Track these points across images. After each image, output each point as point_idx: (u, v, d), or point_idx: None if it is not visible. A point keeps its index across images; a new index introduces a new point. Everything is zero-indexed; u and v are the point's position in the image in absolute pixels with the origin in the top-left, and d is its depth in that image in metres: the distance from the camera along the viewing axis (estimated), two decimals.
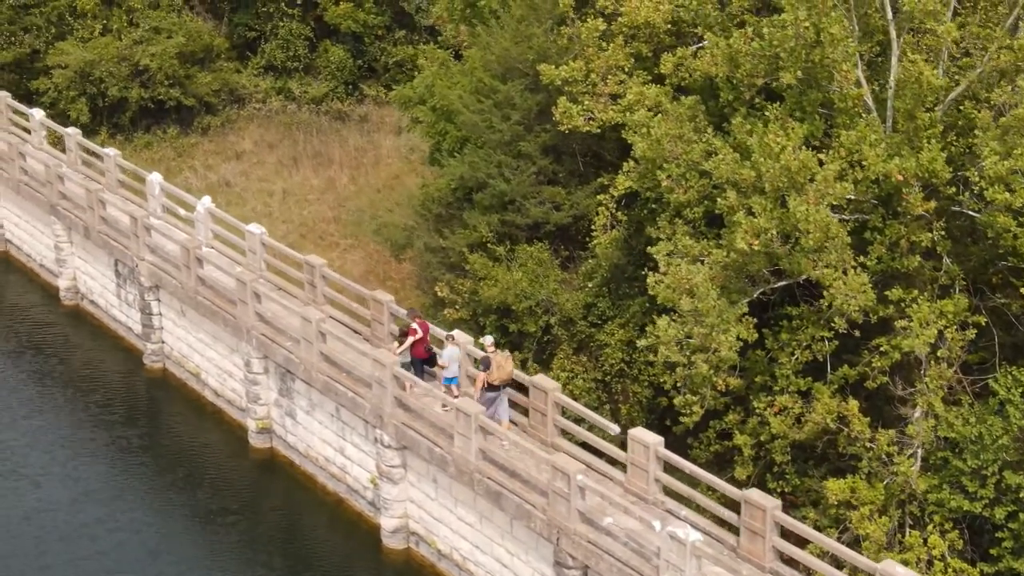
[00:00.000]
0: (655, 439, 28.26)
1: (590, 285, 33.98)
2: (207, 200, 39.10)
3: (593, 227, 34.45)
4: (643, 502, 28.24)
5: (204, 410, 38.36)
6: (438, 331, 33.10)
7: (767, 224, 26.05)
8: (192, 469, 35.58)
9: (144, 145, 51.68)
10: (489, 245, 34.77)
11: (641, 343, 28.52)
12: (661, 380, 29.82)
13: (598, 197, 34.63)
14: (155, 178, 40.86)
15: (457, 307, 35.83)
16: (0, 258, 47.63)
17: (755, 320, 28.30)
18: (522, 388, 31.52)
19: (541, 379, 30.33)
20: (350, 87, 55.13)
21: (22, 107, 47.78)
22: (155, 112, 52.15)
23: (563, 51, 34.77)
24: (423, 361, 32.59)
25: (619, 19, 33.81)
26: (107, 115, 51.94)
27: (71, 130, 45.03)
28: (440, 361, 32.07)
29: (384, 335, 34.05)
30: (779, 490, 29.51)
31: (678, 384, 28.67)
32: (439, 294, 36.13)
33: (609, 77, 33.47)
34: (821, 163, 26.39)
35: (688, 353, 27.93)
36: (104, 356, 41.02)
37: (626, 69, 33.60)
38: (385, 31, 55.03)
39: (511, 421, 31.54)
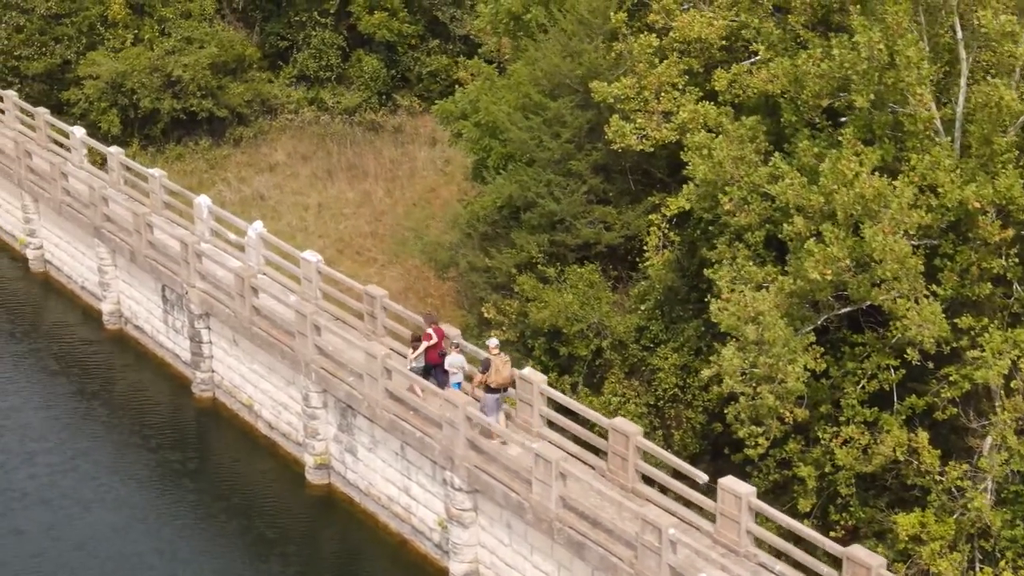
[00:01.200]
0: (747, 489, 26.78)
1: (642, 308, 33.19)
2: (259, 225, 37.83)
3: (645, 247, 33.70)
4: (734, 555, 26.88)
5: (257, 442, 37.05)
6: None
7: (840, 253, 25.22)
8: (246, 501, 34.45)
9: (176, 157, 50.95)
10: (539, 266, 33.97)
11: (704, 373, 27.72)
12: (724, 411, 28.98)
13: (649, 217, 33.88)
14: (203, 201, 39.62)
15: (504, 328, 35.08)
16: (39, 279, 46.27)
17: (821, 349, 27.50)
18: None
19: (622, 423, 28.85)
20: (383, 97, 54.35)
21: (62, 124, 46.59)
22: (186, 123, 51.42)
23: (613, 67, 34.00)
24: (437, 367, 32.23)
25: (670, 34, 33.11)
26: (138, 126, 51.19)
27: (114, 149, 43.79)
28: (446, 367, 31.99)
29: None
30: (842, 522, 28.74)
31: (740, 415, 27.85)
32: (486, 315, 35.38)
33: (662, 94, 32.71)
34: (894, 189, 25.56)
35: (753, 383, 27.13)
36: (150, 383, 39.83)
37: (679, 86, 32.83)
38: (419, 40, 54.22)
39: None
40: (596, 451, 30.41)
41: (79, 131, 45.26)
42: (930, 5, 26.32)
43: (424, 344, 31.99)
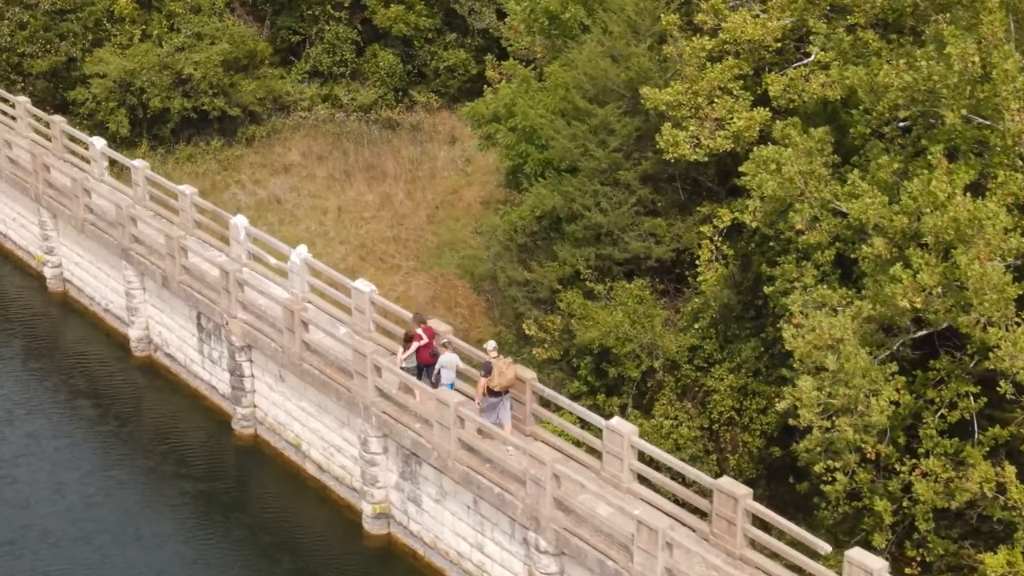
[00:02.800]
0: (879, 564, 24.76)
1: (696, 326, 31.48)
2: (303, 250, 35.38)
3: (696, 261, 32.00)
4: None
5: (305, 484, 34.54)
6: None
7: (931, 281, 23.54)
8: (296, 548, 32.14)
9: (186, 158, 48.96)
10: (587, 282, 32.24)
11: (780, 406, 26.00)
12: (786, 436, 27.34)
13: (700, 228, 32.17)
14: (240, 222, 37.12)
15: (546, 346, 33.37)
16: (58, 298, 43.65)
17: (903, 379, 25.84)
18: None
19: (728, 483, 26.62)
20: (399, 94, 52.43)
21: (80, 134, 44.05)
22: (196, 122, 49.40)
23: (662, 72, 32.24)
24: (428, 367, 31.51)
25: (719, 36, 31.37)
26: (147, 126, 49.16)
27: (138, 163, 41.19)
28: (437, 366, 31.28)
29: (526, 415, 30.38)
30: (919, 558, 27.14)
31: (815, 449, 26.18)
32: (527, 332, 33.63)
33: (716, 100, 30.98)
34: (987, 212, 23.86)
35: (830, 415, 25.48)
36: (185, 415, 37.36)
37: (734, 92, 31.10)
38: (435, 34, 52.30)
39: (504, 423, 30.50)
40: (677, 500, 28.59)
41: (99, 142, 42.78)
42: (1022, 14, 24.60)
43: (415, 344, 31.41)
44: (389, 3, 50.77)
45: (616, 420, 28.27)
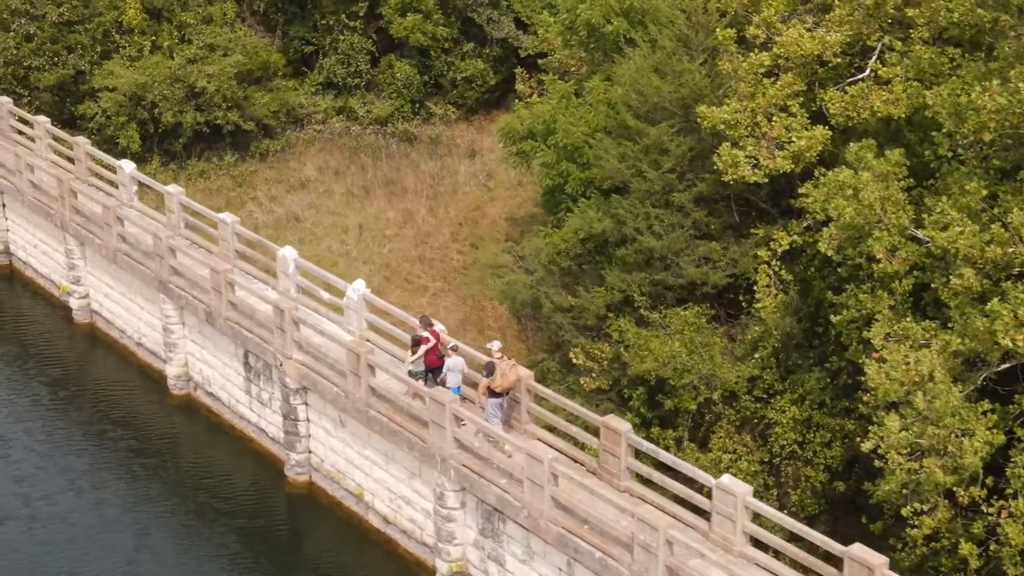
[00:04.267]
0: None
1: (756, 356, 30.04)
2: (361, 285, 33.38)
3: (754, 287, 30.58)
4: None
5: (367, 537, 32.31)
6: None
7: None
8: None
9: (199, 174, 47.25)
10: (641, 310, 30.77)
11: (865, 446, 24.57)
12: (873, 490, 25.89)
13: (757, 252, 30.75)
14: (288, 253, 34.97)
15: (594, 375, 31.89)
16: (84, 331, 41.26)
17: (995, 418, 24.45)
18: None
19: (860, 550, 24.61)
20: (416, 105, 50.84)
21: (108, 158, 41.76)
22: (208, 137, 47.69)
23: (714, 89, 30.83)
24: (435, 370, 30.89)
25: (772, 50, 30.00)
26: (158, 141, 47.43)
27: (172, 188, 38.84)
28: (444, 369, 30.76)
29: (621, 470, 28.14)
30: None
31: (903, 491, 24.77)
32: (574, 360, 32.14)
33: (774, 118, 29.58)
34: None
35: (917, 456, 24.08)
36: (231, 460, 35.11)
37: (792, 109, 29.72)
38: (452, 44, 50.74)
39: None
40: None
41: (128, 165, 40.69)
42: None
43: (423, 348, 30.74)
44: (405, 12, 49.18)
45: (727, 479, 26.17)
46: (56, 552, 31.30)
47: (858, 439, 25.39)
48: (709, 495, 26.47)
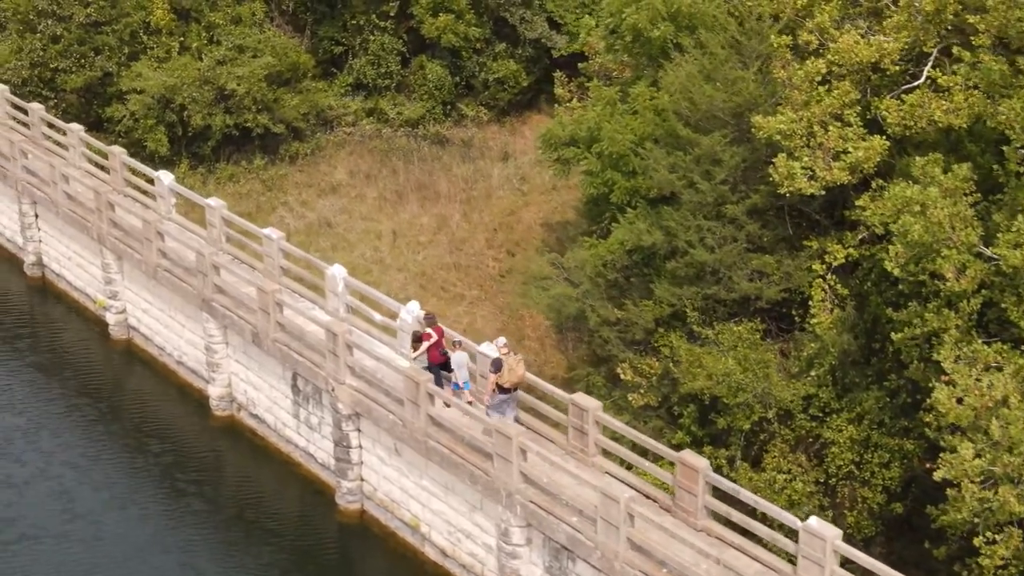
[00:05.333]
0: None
1: (813, 373, 29.10)
2: (415, 307, 32.07)
3: (809, 301, 29.64)
4: None
5: (423, 570, 31.13)
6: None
7: None
8: None
9: (228, 177, 46.37)
10: (694, 326, 29.86)
11: (937, 475, 23.63)
12: (937, 515, 24.99)
13: (812, 266, 29.81)
14: (338, 272, 33.74)
15: (642, 391, 31.02)
16: (120, 347, 39.94)
17: None
18: None
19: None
20: (447, 107, 49.90)
21: (145, 168, 40.59)
22: (237, 140, 46.79)
23: (768, 97, 29.89)
24: (439, 366, 30.72)
25: (826, 57, 29.05)
26: (186, 145, 46.55)
27: (213, 202, 37.52)
28: (452, 366, 30.47)
29: (698, 508, 26.82)
30: None
31: (968, 517, 23.84)
32: (622, 376, 31.25)
33: (830, 128, 28.65)
34: None
35: (991, 484, 23.16)
36: (277, 485, 33.94)
37: (849, 119, 28.78)
38: (484, 44, 49.79)
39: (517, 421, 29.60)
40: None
41: (167, 177, 39.53)
42: None
43: (426, 344, 30.56)
44: (437, 12, 48.22)
45: (815, 522, 24.81)
46: (97, 570, 30.59)
47: (918, 460, 24.49)
48: (794, 537, 25.17)
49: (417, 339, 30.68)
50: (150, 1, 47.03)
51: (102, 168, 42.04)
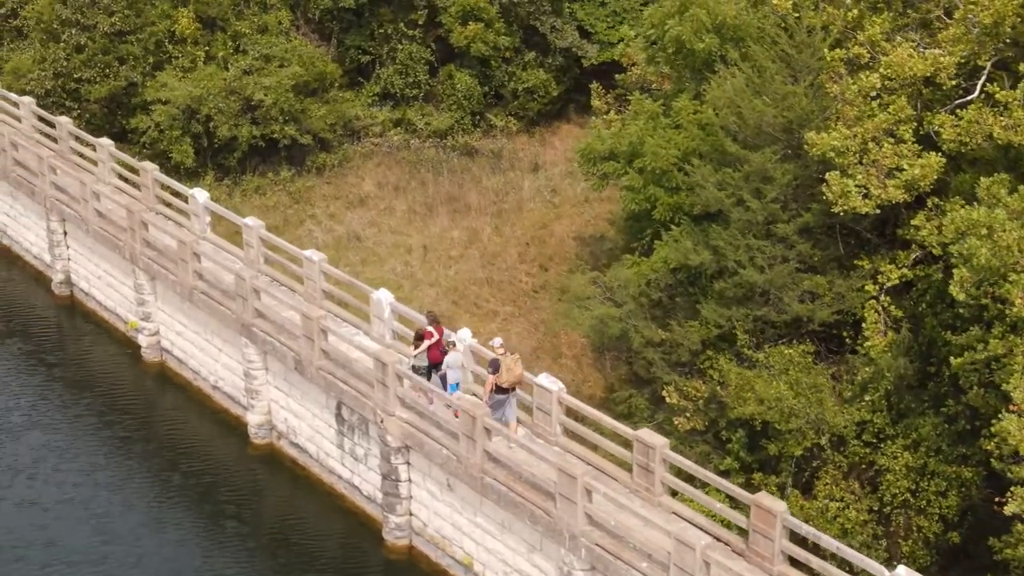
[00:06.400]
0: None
1: (867, 399, 28.16)
2: (466, 334, 30.79)
3: (863, 324, 28.72)
4: None
5: None
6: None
7: None
8: None
9: (254, 190, 45.49)
10: (744, 348, 28.94)
11: (1008, 509, 22.74)
12: (1001, 547, 24.08)
13: (865, 287, 28.89)
14: (384, 296, 32.42)
15: (688, 415, 30.11)
16: (154, 370, 38.72)
17: None
18: None
19: None
20: (476, 118, 49.01)
21: (178, 185, 39.29)
22: (263, 151, 45.90)
23: (819, 112, 28.97)
24: (438, 365, 30.41)
25: (879, 71, 28.17)
26: (211, 156, 45.69)
27: (251, 221, 36.24)
28: (443, 366, 30.23)
29: (774, 553, 25.28)
30: None
31: None
32: (667, 399, 30.34)
33: (884, 145, 27.76)
34: None
35: None
36: (320, 518, 32.46)
37: (902, 135, 27.90)
38: (513, 53, 48.89)
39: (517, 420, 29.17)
40: None
41: (201, 194, 38.39)
42: None
43: (426, 342, 30.31)
44: (467, 21, 47.36)
45: (904, 572, 23.61)
46: None
47: (975, 489, 23.53)
48: None
49: (419, 337, 30.46)
50: (175, 10, 46.21)
51: (132, 184, 41.01)
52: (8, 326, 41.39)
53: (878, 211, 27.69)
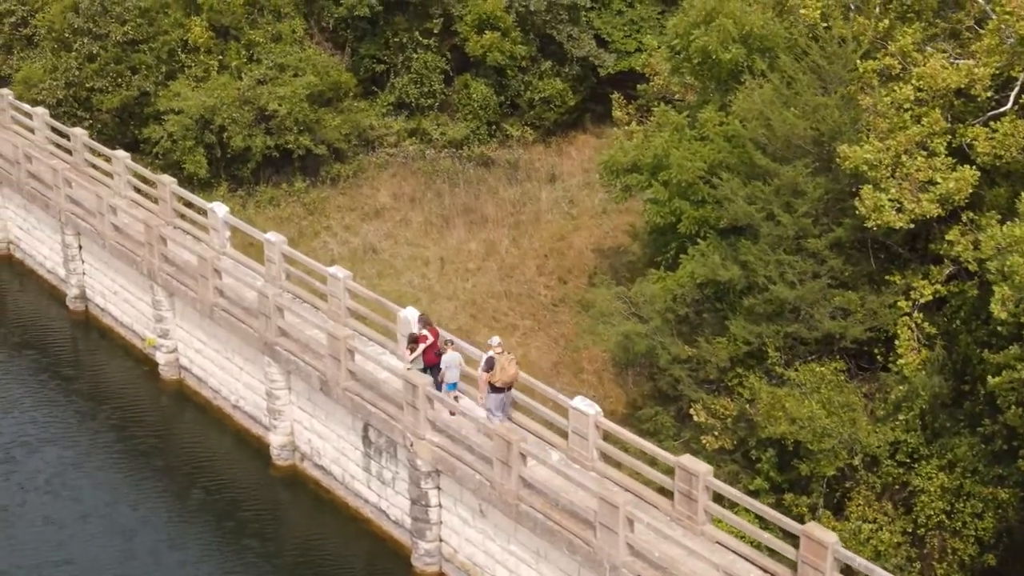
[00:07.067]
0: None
1: (901, 418, 27.52)
2: (498, 346, 29.83)
3: (896, 341, 28.08)
4: None
5: None
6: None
7: None
8: None
9: (268, 201, 44.89)
10: (777, 367, 28.31)
11: None
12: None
13: (898, 303, 28.27)
14: (411, 315, 31.43)
15: (716, 434, 29.48)
16: (172, 388, 37.82)
17: None
18: None
19: None
20: (492, 127, 48.41)
21: (197, 199, 38.69)
22: (276, 161, 45.32)
23: (851, 124, 28.37)
24: (434, 367, 30.34)
25: (911, 83, 27.58)
26: (224, 166, 45.08)
27: (273, 236, 35.34)
28: (441, 366, 30.13)
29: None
30: None
31: None
32: (694, 418, 29.71)
33: (917, 158, 27.16)
34: None
35: None
36: (345, 542, 31.47)
37: (936, 148, 27.30)
38: (530, 62, 48.30)
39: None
40: None
41: (221, 209, 37.54)
42: None
43: (422, 346, 30.21)
44: (483, 29, 46.78)
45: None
46: None
47: (1012, 511, 22.87)
48: None
49: (413, 340, 30.34)
50: (188, 19, 45.65)
51: (148, 197, 40.29)
52: (23, 341, 40.77)
53: (911, 226, 27.07)
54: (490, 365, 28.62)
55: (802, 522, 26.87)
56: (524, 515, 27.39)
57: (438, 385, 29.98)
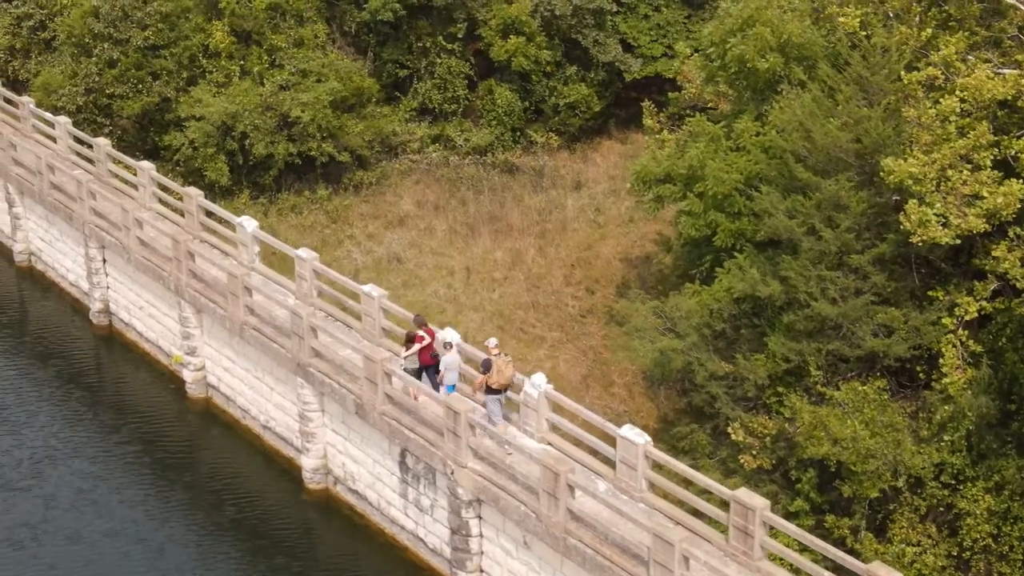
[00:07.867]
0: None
1: (947, 439, 26.81)
2: (541, 379, 28.90)
3: (940, 360, 27.36)
4: None
5: None
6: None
7: None
8: None
9: (290, 208, 44.24)
10: (818, 386, 27.61)
11: None
12: None
13: (942, 320, 27.54)
14: (451, 336, 30.38)
15: (754, 453, 28.77)
16: (199, 407, 36.94)
17: None
18: None
19: None
20: (516, 134, 47.73)
21: (226, 213, 37.79)
22: (298, 168, 44.67)
23: (895, 137, 27.64)
24: (430, 368, 30.39)
25: (955, 94, 26.87)
26: (246, 174, 44.44)
27: (304, 252, 34.28)
28: (441, 368, 29.93)
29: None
30: None
31: None
32: (732, 436, 29.00)
33: (963, 172, 26.45)
34: None
35: None
36: (381, 571, 30.66)
37: (982, 162, 26.59)
38: (555, 68, 47.62)
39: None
40: None
41: (250, 223, 36.53)
42: None
43: (417, 346, 30.20)
44: (507, 34, 46.14)
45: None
46: None
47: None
48: None
49: (409, 340, 30.23)
50: (209, 23, 45.04)
51: (174, 210, 39.46)
52: (47, 354, 40.08)
53: (957, 241, 26.37)
54: (487, 367, 28.40)
55: (845, 546, 26.22)
56: (572, 549, 26.35)
57: (436, 387, 29.86)
